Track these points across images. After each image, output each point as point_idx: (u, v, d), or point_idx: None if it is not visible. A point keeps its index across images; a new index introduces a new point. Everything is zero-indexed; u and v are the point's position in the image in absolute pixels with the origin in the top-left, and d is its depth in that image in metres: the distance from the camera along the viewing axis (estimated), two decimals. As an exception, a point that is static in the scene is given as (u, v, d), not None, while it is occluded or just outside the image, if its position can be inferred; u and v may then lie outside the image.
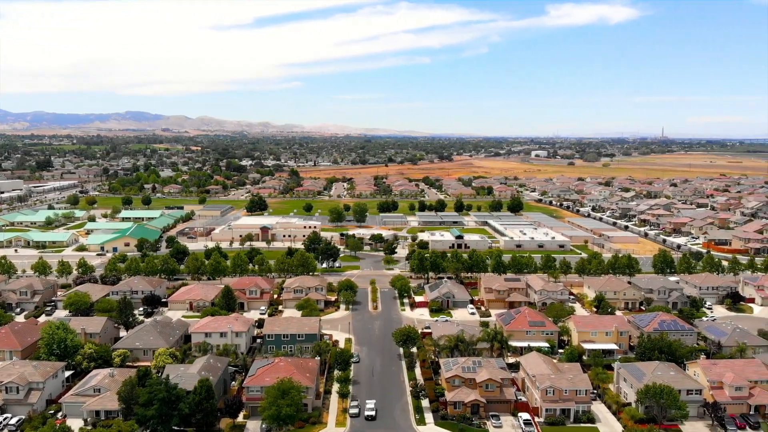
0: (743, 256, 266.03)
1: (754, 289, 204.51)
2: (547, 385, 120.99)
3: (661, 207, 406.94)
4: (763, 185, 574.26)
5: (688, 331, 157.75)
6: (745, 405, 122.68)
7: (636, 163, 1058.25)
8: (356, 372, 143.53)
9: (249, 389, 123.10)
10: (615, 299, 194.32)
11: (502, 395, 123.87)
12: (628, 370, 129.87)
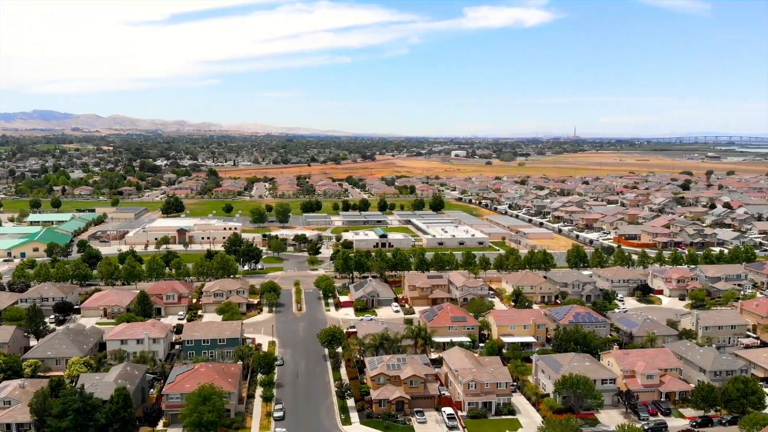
0: (651, 249, 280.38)
1: (662, 281, 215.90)
2: (469, 379, 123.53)
3: (574, 204, 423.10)
4: (669, 182, 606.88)
5: (601, 322, 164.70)
6: (656, 392, 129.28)
7: (550, 162, 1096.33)
8: (280, 375, 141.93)
9: (168, 397, 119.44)
10: (532, 293, 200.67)
11: (426, 391, 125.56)
12: (546, 361, 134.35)
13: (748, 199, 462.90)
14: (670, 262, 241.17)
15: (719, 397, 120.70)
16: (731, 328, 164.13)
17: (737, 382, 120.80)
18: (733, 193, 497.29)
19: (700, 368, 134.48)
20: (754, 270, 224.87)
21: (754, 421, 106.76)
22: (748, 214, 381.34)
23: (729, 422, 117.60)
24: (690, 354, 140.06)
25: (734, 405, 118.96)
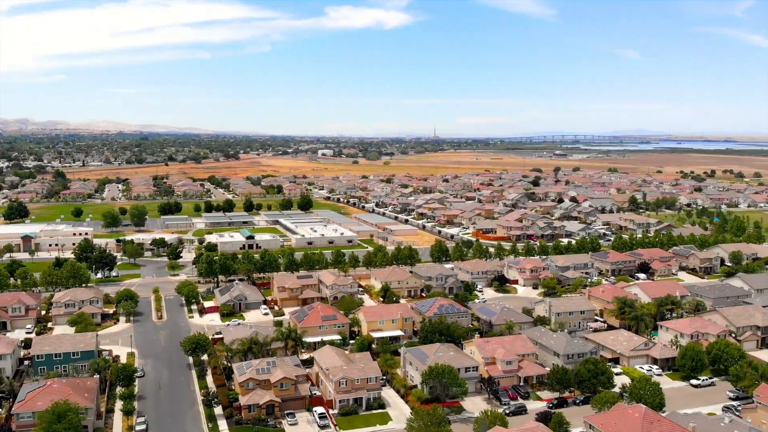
0: (507, 242, 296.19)
1: (517, 272, 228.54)
2: (340, 377, 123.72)
3: (436, 201, 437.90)
4: (521, 179, 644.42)
5: (463, 313, 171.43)
6: (516, 377, 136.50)
7: (413, 161, 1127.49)
8: (142, 387, 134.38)
9: (19, 416, 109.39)
10: (399, 288, 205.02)
11: (297, 392, 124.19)
12: (413, 353, 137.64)
13: (592, 193, 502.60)
14: (524, 254, 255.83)
15: (572, 378, 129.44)
16: (581, 313, 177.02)
17: (588, 364, 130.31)
18: (579, 188, 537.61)
19: (554, 352, 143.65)
20: (599, 259, 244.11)
21: (604, 400, 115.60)
22: (593, 207, 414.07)
23: (582, 402, 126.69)
24: (544, 339, 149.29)
25: (586, 385, 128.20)
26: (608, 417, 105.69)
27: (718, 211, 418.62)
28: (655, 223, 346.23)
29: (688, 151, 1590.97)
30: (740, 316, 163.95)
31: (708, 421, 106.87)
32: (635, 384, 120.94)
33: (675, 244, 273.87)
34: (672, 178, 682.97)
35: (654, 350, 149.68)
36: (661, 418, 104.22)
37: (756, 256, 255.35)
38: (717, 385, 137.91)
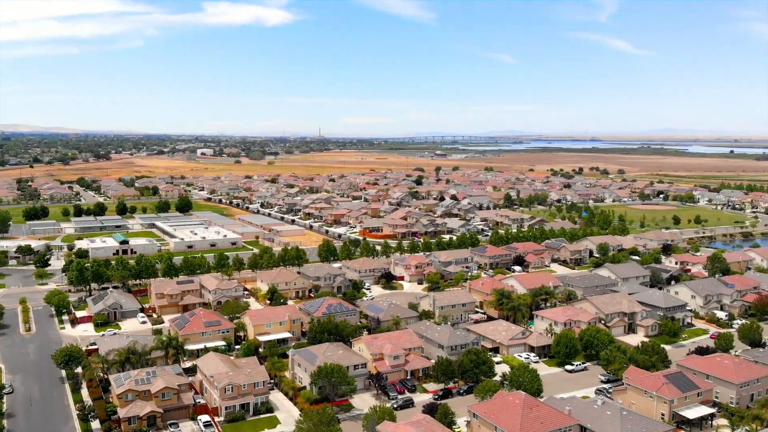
0: (393, 240, 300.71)
1: (403, 268, 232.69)
2: (225, 383, 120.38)
3: (323, 201, 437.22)
4: (405, 178, 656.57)
5: (351, 311, 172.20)
6: (403, 371, 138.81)
7: (298, 161, 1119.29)
8: (11, 404, 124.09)
9: None
10: (287, 290, 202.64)
11: (180, 401, 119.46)
12: (302, 355, 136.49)
13: (471, 191, 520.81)
14: (409, 251, 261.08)
15: (456, 369, 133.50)
16: (462, 305, 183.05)
17: (471, 355, 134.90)
18: (459, 186, 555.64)
19: (438, 345, 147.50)
20: (478, 253, 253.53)
21: (486, 388, 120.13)
22: (471, 204, 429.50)
23: (466, 391, 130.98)
24: (429, 332, 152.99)
25: (469, 375, 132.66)
26: (491, 405, 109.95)
27: (586, 206, 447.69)
28: (528, 219, 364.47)
29: (557, 150, 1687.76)
30: (608, 304, 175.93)
31: (582, 404, 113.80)
32: (514, 372, 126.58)
33: (547, 237, 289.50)
34: (543, 176, 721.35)
35: (531, 338, 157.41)
36: (540, 404, 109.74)
37: (621, 247, 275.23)
38: (590, 369, 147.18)
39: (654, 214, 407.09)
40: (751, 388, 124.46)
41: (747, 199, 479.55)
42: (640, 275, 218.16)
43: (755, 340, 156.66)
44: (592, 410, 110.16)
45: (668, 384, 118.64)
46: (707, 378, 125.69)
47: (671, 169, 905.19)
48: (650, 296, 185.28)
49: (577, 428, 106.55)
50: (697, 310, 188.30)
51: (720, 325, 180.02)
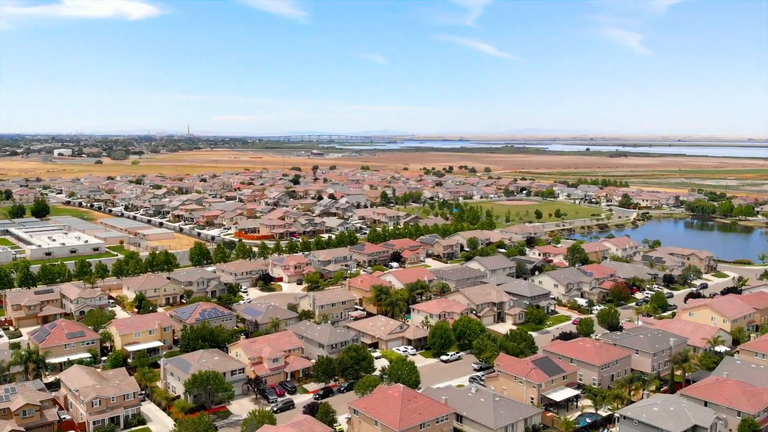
0: (270, 240, 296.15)
1: (281, 269, 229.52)
2: (92, 397, 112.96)
3: (194, 202, 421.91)
4: (281, 177, 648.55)
5: (227, 315, 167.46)
6: (283, 373, 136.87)
7: (165, 160, 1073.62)
8: None
9: None
10: (156, 296, 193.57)
11: (43, 419, 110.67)
12: (175, 363, 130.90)
13: (348, 190, 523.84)
14: (287, 251, 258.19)
15: (337, 367, 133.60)
16: (342, 303, 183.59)
17: (350, 351, 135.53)
18: (336, 186, 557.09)
19: (319, 344, 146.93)
20: (356, 251, 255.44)
21: (366, 384, 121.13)
22: (349, 203, 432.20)
23: (347, 389, 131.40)
24: (309, 332, 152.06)
25: (350, 372, 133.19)
26: (371, 400, 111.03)
27: (456, 203, 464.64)
28: (404, 216, 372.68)
29: (429, 149, 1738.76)
30: (479, 295, 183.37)
31: (457, 393, 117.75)
32: (393, 365, 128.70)
33: (422, 233, 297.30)
34: (417, 175, 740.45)
35: (408, 332, 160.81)
36: (418, 395, 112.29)
37: (489, 241, 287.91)
38: (463, 358, 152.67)
39: (518, 209, 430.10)
40: (611, 369, 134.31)
41: (602, 194, 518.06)
42: (507, 267, 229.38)
43: (613, 324, 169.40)
44: (467, 398, 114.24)
45: (536, 369, 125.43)
46: (571, 361, 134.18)
47: (533, 166, 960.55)
48: (517, 286, 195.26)
49: (453, 416, 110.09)
50: (560, 297, 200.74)
51: (581, 311, 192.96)
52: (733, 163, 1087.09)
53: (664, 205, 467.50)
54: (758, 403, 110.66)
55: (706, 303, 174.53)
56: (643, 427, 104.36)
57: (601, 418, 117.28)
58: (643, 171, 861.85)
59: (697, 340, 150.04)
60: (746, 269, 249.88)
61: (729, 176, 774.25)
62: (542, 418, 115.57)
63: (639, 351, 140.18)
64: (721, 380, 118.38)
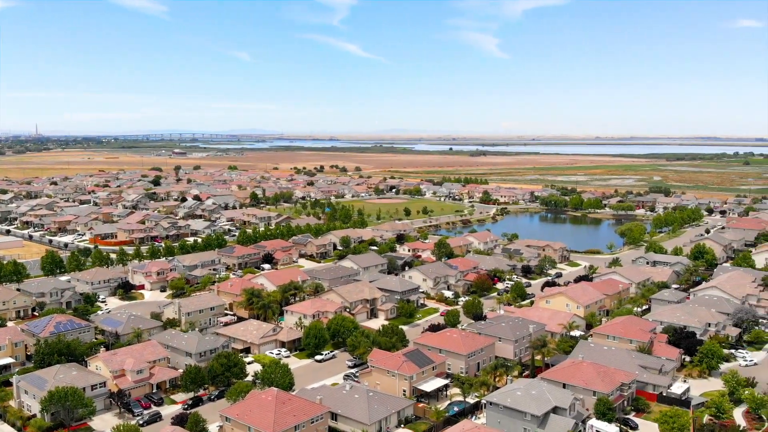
0: (129, 246, 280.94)
1: (143, 276, 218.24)
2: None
3: (44, 207, 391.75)
4: (141, 179, 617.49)
5: (84, 327, 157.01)
6: (148, 385, 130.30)
7: (12, 163, 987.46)
8: None
9: None
10: (5, 310, 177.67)
11: None
12: (29, 380, 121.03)
13: (215, 190, 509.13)
14: (149, 257, 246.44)
15: (206, 375, 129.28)
16: (211, 309, 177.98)
17: (221, 358, 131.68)
18: (201, 186, 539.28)
19: (186, 353, 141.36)
20: (226, 254, 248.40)
21: (239, 390, 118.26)
22: (216, 204, 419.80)
23: (218, 397, 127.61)
24: (176, 341, 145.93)
25: (220, 380, 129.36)
26: (243, 406, 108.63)
27: (328, 202, 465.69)
28: (275, 216, 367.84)
29: (299, 149, 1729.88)
30: (352, 292, 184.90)
31: (332, 391, 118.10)
32: (266, 369, 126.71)
33: (294, 234, 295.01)
34: (287, 174, 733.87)
35: (282, 334, 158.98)
36: (292, 397, 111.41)
37: (361, 239, 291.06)
38: (338, 357, 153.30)
39: (388, 207, 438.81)
40: (477, 358, 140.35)
41: (465, 191, 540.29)
42: (378, 264, 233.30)
43: (477, 314, 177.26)
44: (341, 395, 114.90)
45: (407, 362, 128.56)
46: (440, 352, 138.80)
47: (401, 165, 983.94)
48: (388, 282, 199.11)
49: (328, 415, 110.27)
50: (429, 291, 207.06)
51: (448, 303, 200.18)
52: (582, 160, 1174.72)
53: (521, 201, 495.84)
54: (611, 383, 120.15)
55: (561, 291, 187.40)
56: (508, 411, 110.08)
57: (469, 406, 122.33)
58: (502, 169, 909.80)
59: (554, 326, 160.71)
60: (596, 258, 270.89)
61: (579, 172, 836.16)
62: (414, 410, 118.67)
63: (502, 339, 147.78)
64: (577, 363, 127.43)
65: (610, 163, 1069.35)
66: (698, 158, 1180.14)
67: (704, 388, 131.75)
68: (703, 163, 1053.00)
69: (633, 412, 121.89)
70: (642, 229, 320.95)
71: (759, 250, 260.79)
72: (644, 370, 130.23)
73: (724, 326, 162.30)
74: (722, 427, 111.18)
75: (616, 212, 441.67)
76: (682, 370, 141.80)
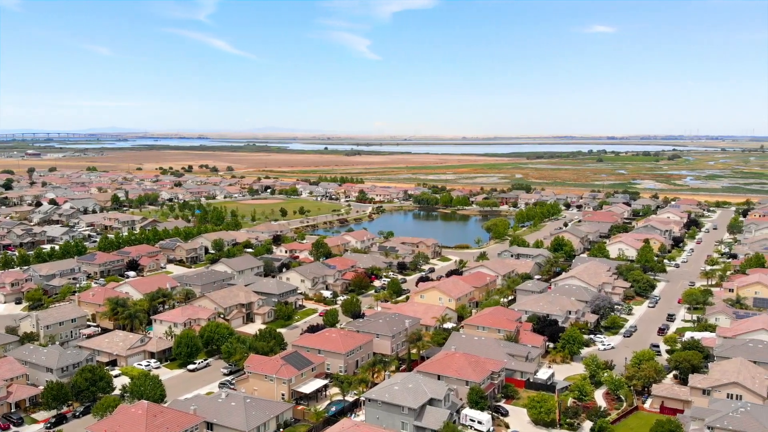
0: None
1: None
2: None
3: None
4: None
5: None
6: (6, 405, 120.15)
7: None
8: None
9: None
10: None
11: None
12: None
13: (73, 194, 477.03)
14: (1, 267, 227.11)
15: (70, 391, 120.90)
16: (72, 321, 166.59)
17: (85, 373, 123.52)
18: (58, 189, 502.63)
19: (47, 368, 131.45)
20: (86, 262, 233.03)
21: (106, 405, 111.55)
22: (75, 208, 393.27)
23: (83, 413, 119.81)
24: (35, 357, 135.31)
25: (85, 395, 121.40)
26: (112, 421, 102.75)
27: (198, 204, 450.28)
28: (140, 220, 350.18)
29: (165, 148, 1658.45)
30: (226, 298, 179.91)
31: (207, 400, 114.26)
32: (135, 382, 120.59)
33: (161, 238, 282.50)
34: (153, 175, 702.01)
35: (150, 345, 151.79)
36: (164, 409, 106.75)
37: (235, 242, 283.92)
38: (212, 365, 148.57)
39: (263, 208, 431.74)
40: (355, 356, 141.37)
41: (341, 190, 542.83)
42: (254, 266, 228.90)
43: (356, 312, 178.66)
44: (217, 404, 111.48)
45: (286, 365, 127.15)
46: (319, 353, 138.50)
47: (276, 165, 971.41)
48: (265, 285, 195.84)
49: (203, 425, 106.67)
50: (307, 292, 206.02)
51: (327, 303, 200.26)
52: (451, 159, 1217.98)
53: (395, 199, 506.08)
54: (482, 372, 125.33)
55: (434, 285, 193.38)
56: (386, 406, 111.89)
57: (348, 404, 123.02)
58: (377, 168, 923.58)
59: (428, 320, 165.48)
60: (465, 252, 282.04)
61: (448, 171, 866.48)
62: (293, 413, 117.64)
63: (379, 335, 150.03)
64: (450, 354, 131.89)
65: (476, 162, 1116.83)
66: (556, 156, 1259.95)
67: (567, 373, 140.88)
68: (560, 161, 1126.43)
69: (503, 399, 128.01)
70: (506, 224, 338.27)
71: (612, 241, 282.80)
72: (512, 358, 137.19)
73: (583, 313, 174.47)
74: (585, 408, 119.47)
75: (482, 208, 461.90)
76: (546, 356, 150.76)
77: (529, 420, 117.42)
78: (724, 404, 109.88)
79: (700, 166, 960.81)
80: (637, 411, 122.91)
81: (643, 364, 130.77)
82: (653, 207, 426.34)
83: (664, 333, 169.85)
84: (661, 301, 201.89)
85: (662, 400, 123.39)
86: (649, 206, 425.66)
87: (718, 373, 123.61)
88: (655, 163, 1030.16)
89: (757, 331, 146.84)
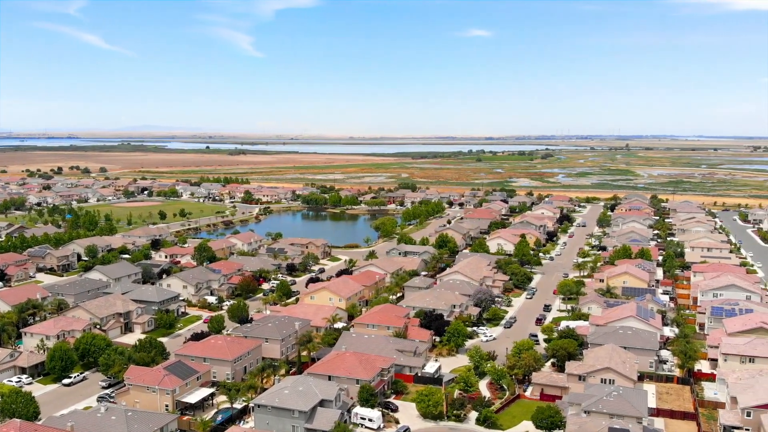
0: None
1: None
2: None
3: None
4: None
5: None
6: None
7: None
8: None
9: None
10: None
11: None
12: None
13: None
14: None
15: None
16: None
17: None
18: None
19: None
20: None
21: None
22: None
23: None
24: None
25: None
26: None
27: (69, 208, 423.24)
28: (5, 226, 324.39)
29: (32, 149, 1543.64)
30: (102, 307, 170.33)
31: (85, 416, 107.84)
32: (5, 399, 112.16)
33: (30, 245, 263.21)
34: (19, 177, 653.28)
35: (21, 359, 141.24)
36: (38, 427, 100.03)
37: (111, 248, 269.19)
38: (89, 378, 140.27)
39: (140, 211, 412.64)
40: (243, 362, 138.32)
41: (225, 191, 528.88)
42: (132, 273, 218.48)
43: (243, 317, 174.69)
44: (96, 419, 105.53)
45: (169, 375, 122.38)
46: (205, 361, 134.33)
47: (153, 165, 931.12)
48: (144, 292, 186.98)
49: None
50: (190, 298, 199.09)
51: (211, 308, 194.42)
52: (338, 159, 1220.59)
53: (283, 200, 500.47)
54: (372, 369, 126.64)
55: (324, 285, 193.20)
56: (276, 411, 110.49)
57: (237, 411, 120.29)
58: (263, 168, 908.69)
59: (319, 321, 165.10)
60: (355, 252, 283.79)
61: (336, 171, 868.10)
62: (179, 424, 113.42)
63: (269, 339, 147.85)
64: (341, 354, 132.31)
65: (364, 161, 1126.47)
66: (439, 156, 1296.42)
67: (453, 365, 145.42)
68: (443, 160, 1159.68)
69: (393, 394, 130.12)
70: (394, 223, 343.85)
71: (492, 237, 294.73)
72: (401, 354, 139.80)
73: (467, 306, 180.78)
74: (470, 399, 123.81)
75: (370, 208, 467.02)
76: (433, 350, 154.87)
77: (418, 414, 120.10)
78: (598, 389, 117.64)
79: (571, 164, 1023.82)
80: (519, 399, 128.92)
81: (523, 354, 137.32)
82: (528, 204, 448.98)
83: (541, 323, 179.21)
84: (538, 293, 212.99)
85: (542, 388, 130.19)
86: (525, 203, 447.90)
87: (592, 359, 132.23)
88: (529, 162, 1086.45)
89: (626, 318, 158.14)
